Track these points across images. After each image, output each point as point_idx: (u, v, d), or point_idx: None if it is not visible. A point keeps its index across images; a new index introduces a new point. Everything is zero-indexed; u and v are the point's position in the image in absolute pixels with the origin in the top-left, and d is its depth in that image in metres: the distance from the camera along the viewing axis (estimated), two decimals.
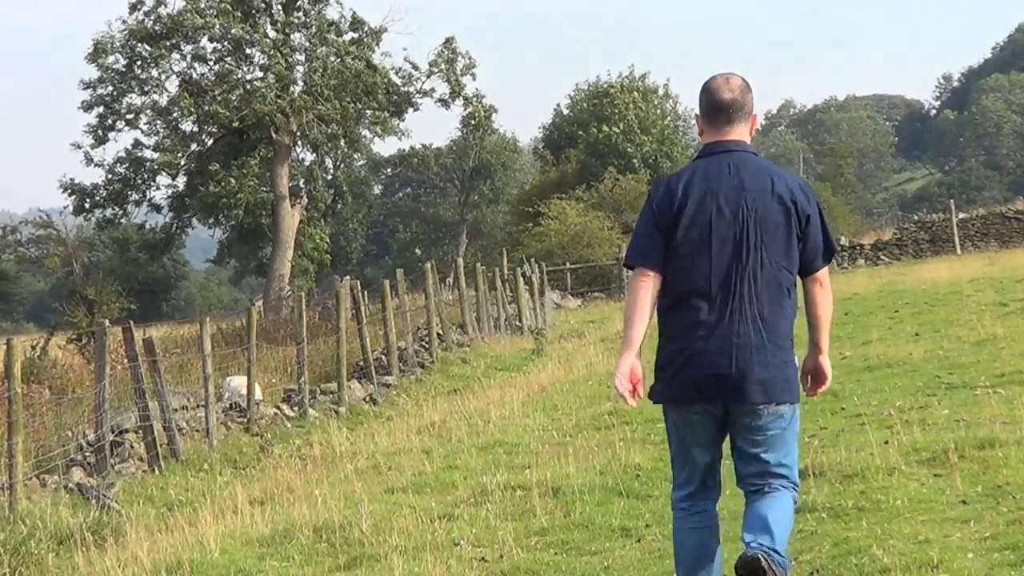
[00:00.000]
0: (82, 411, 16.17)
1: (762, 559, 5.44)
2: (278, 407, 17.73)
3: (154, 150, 50.05)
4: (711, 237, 5.58)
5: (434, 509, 8.98)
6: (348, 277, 31.38)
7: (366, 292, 25.56)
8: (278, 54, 48.11)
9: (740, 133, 5.74)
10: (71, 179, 50.70)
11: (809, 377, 5.85)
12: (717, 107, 5.71)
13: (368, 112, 50.94)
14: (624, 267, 5.82)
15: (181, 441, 14.71)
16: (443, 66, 50.88)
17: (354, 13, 50.74)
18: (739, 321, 5.54)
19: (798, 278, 5.72)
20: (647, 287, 5.62)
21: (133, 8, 48.80)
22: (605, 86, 63.00)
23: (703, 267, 5.57)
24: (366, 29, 50.44)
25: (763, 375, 5.53)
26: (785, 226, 5.61)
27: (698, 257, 5.58)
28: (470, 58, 51.47)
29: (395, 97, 50.57)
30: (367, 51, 50.20)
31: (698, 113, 5.80)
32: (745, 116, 5.74)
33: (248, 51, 49.30)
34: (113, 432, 14.28)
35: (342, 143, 50.93)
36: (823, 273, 5.73)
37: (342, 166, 58.24)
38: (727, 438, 5.72)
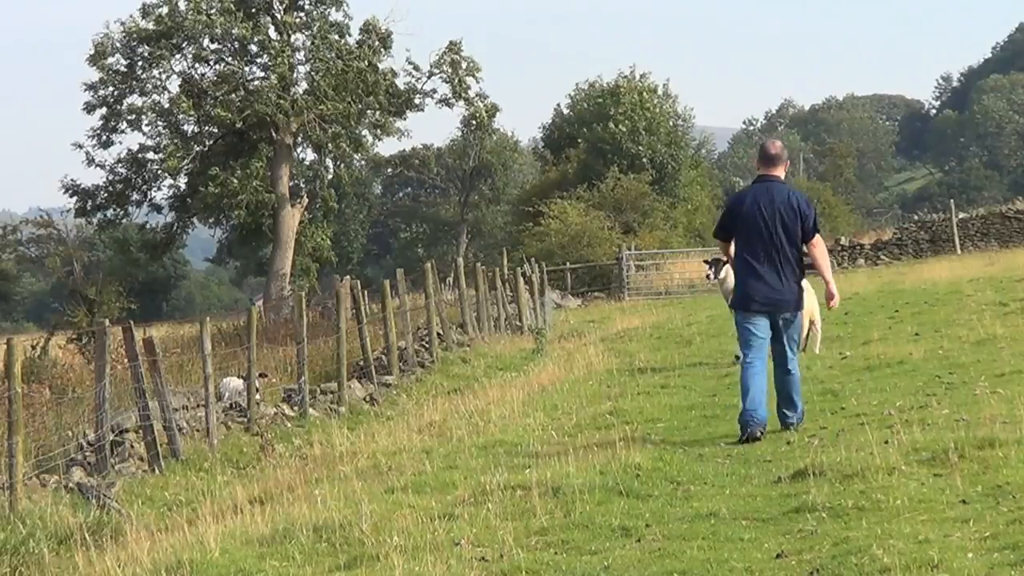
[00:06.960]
0: (82, 411, 16.14)
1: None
2: (278, 407, 17.71)
3: (155, 151, 49.93)
4: (757, 225, 10.93)
5: (434, 509, 8.97)
6: (348, 277, 31.35)
7: (366, 292, 25.51)
8: (281, 54, 48.02)
9: (778, 171, 11.17)
10: (72, 180, 50.52)
11: (826, 299, 11.38)
12: (766, 157, 11.21)
13: (369, 112, 50.84)
14: (713, 236, 12.25)
15: (181, 441, 14.68)
16: (446, 68, 50.78)
17: (371, 16, 50.61)
18: (772, 269, 10.92)
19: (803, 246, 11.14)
20: (727, 246, 11.35)
21: (145, 12, 48.62)
22: (612, 84, 62.73)
23: (754, 240, 10.95)
24: (374, 33, 50.22)
25: (787, 297, 10.97)
26: (793, 221, 10.94)
27: (751, 235, 10.97)
28: (473, 61, 51.43)
29: (395, 100, 50.43)
30: (373, 55, 50.01)
31: (757, 158, 11.37)
32: (781, 162, 11.20)
33: (250, 50, 49.20)
34: (113, 432, 14.26)
35: (343, 143, 50.86)
36: (816, 239, 11.08)
37: (342, 166, 58.23)
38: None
